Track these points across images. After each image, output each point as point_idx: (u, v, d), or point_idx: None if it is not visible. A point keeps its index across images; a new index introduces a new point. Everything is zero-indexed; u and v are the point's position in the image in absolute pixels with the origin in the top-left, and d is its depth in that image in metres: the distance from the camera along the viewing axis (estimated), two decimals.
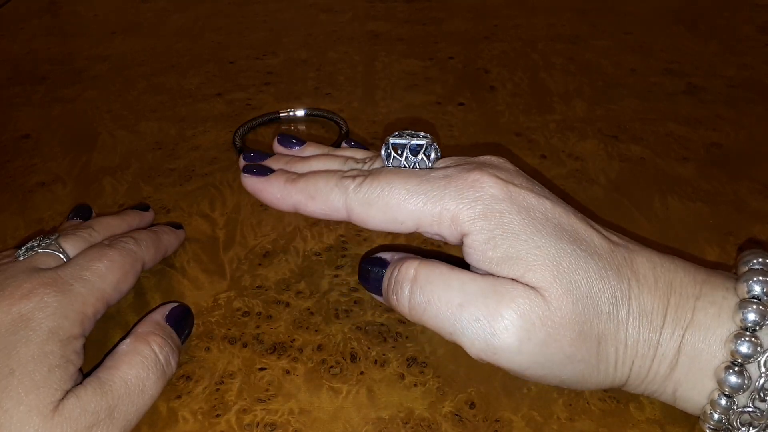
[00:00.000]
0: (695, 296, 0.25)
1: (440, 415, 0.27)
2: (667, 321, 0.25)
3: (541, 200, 0.27)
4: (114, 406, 0.25)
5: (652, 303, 0.25)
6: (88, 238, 0.32)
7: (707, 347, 0.24)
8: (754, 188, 0.40)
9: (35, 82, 0.56)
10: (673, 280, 0.25)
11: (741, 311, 0.24)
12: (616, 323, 0.25)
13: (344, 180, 0.29)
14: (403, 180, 0.28)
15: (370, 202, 0.28)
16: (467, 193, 0.26)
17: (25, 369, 0.24)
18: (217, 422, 0.27)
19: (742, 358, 0.23)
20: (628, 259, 0.26)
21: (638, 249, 0.26)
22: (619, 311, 0.25)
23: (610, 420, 0.27)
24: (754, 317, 0.23)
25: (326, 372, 0.29)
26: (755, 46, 0.58)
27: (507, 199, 0.26)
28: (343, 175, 0.29)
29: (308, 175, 0.30)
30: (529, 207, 0.26)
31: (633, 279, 0.25)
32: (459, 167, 0.28)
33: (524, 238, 0.25)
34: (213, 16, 0.70)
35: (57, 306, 0.26)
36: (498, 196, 0.26)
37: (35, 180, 0.43)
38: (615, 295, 0.25)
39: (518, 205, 0.26)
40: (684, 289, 0.25)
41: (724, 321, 0.24)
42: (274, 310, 0.32)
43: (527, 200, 0.26)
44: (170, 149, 0.46)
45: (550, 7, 0.68)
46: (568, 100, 0.50)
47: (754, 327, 0.23)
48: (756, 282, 0.24)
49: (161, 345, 0.28)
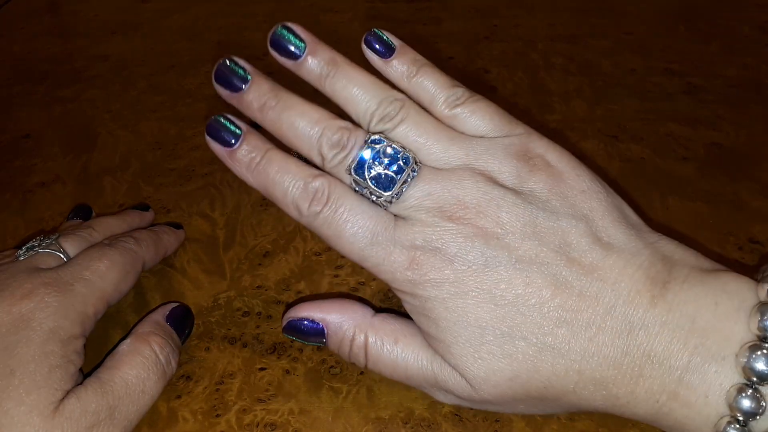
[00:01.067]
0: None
1: (440, 415, 0.27)
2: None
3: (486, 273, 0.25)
4: (114, 406, 0.25)
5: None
6: (89, 238, 0.32)
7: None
8: (754, 188, 0.40)
9: (35, 82, 0.56)
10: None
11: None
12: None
13: (304, 197, 0.27)
14: (365, 225, 0.26)
15: (327, 236, 0.27)
16: (406, 272, 0.26)
17: (25, 369, 0.24)
18: (217, 422, 0.27)
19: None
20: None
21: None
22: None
23: (610, 420, 0.27)
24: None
25: (326, 372, 0.29)
26: (755, 46, 0.58)
27: (435, 287, 0.25)
28: (306, 184, 0.27)
29: (269, 167, 0.27)
30: (467, 292, 0.25)
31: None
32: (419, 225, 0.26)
33: (444, 325, 0.25)
34: (213, 16, 0.70)
35: (57, 306, 0.26)
36: (436, 281, 0.25)
37: (35, 180, 0.43)
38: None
39: (448, 292, 0.25)
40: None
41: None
42: (274, 310, 0.32)
43: (465, 284, 0.25)
44: (170, 149, 0.46)
45: (550, 7, 0.68)
46: (568, 100, 0.50)
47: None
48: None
49: (162, 345, 0.28)
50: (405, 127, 0.27)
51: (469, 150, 0.27)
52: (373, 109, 0.27)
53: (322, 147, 0.27)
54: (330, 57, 0.28)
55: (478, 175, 0.26)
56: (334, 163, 0.27)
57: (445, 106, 0.28)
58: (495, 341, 0.25)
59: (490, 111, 0.28)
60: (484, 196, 0.26)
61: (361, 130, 0.27)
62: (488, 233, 0.25)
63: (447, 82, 0.28)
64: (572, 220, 0.26)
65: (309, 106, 0.28)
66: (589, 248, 0.25)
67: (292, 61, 0.28)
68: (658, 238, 0.27)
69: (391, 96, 0.28)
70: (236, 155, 0.28)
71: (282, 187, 0.27)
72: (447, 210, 0.26)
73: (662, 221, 0.38)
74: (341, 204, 0.26)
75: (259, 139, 0.28)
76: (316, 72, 0.28)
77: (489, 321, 0.25)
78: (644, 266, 0.25)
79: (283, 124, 0.28)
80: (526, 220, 0.25)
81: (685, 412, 0.24)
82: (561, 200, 0.26)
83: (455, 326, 0.25)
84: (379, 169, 0.26)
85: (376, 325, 0.28)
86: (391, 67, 0.29)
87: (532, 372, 0.25)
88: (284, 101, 0.28)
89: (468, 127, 0.28)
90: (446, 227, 0.25)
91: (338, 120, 0.28)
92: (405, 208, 0.26)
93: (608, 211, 0.26)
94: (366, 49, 0.29)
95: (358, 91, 0.28)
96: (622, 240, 0.26)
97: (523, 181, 0.26)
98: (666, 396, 0.24)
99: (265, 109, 0.28)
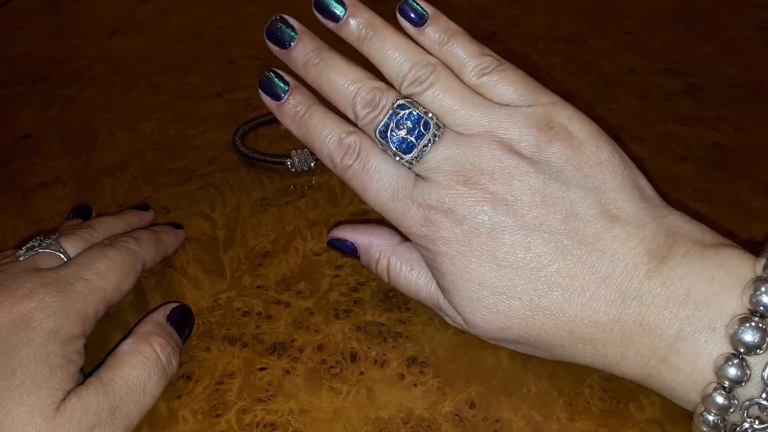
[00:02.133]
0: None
1: (440, 415, 0.27)
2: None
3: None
4: (116, 406, 0.25)
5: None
6: (89, 238, 0.32)
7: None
8: (754, 188, 0.40)
9: (35, 82, 0.56)
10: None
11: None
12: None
13: (338, 150, 0.29)
14: (388, 182, 0.29)
15: (355, 187, 0.30)
16: (421, 230, 0.28)
17: (26, 369, 0.24)
18: (217, 422, 0.27)
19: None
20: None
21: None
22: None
23: (610, 420, 0.27)
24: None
25: (326, 372, 0.29)
26: (755, 46, 0.58)
27: (452, 242, 0.27)
28: (341, 140, 0.29)
29: (310, 120, 0.30)
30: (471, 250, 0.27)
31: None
32: (445, 184, 0.28)
33: (449, 279, 0.28)
34: (213, 16, 0.70)
35: (58, 306, 0.26)
36: (446, 239, 0.27)
37: (35, 180, 0.43)
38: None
39: (457, 250, 0.27)
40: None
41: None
42: (274, 310, 0.32)
43: (472, 243, 0.27)
44: (170, 149, 0.46)
45: (550, 7, 0.68)
46: (568, 100, 0.50)
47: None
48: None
49: (163, 345, 0.28)
50: (434, 91, 0.28)
51: (492, 117, 0.28)
52: (405, 72, 0.29)
53: (356, 105, 0.29)
54: (369, 20, 0.30)
55: (496, 143, 0.27)
56: (366, 121, 0.29)
57: (474, 74, 0.29)
58: (491, 298, 0.27)
59: (516, 79, 0.29)
60: (499, 164, 0.27)
61: (393, 92, 0.29)
62: (498, 199, 0.27)
63: (477, 50, 0.29)
64: (582, 191, 0.27)
65: (348, 66, 0.29)
66: (595, 219, 0.26)
67: (333, 23, 0.30)
68: (668, 212, 0.27)
69: (423, 60, 0.29)
70: (283, 108, 0.30)
71: (320, 140, 0.30)
72: (463, 174, 0.27)
73: None
74: (369, 161, 0.29)
75: (304, 95, 0.30)
76: (355, 34, 0.30)
77: (489, 280, 0.27)
78: (646, 240, 0.26)
79: (323, 81, 0.30)
80: (536, 188, 0.27)
81: (673, 376, 0.25)
82: (575, 171, 0.27)
83: (458, 281, 0.27)
84: (402, 134, 0.28)
85: (398, 251, 0.31)
86: (424, 35, 0.30)
87: (523, 327, 0.27)
88: (326, 60, 0.30)
89: (494, 95, 0.29)
90: (459, 190, 0.27)
91: (373, 80, 0.29)
92: (425, 170, 0.28)
93: (622, 183, 0.27)
94: (400, 18, 0.30)
95: (393, 54, 0.29)
96: (629, 213, 0.26)
97: (540, 150, 0.27)
98: (655, 360, 0.25)
99: (309, 66, 0.30)
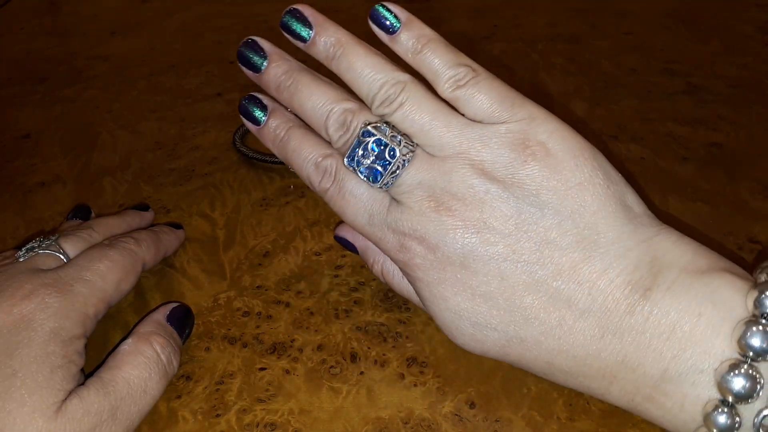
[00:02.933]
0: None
1: (440, 415, 0.27)
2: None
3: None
4: (117, 406, 0.25)
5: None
6: (88, 239, 0.32)
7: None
8: (754, 188, 0.40)
9: (35, 82, 0.56)
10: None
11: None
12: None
13: (316, 174, 0.29)
14: (363, 206, 0.28)
15: (335, 210, 0.29)
16: (399, 254, 0.28)
17: (27, 370, 0.24)
18: (217, 422, 0.27)
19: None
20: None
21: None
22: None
23: (610, 420, 0.27)
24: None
25: (326, 372, 0.29)
26: (755, 46, 0.58)
27: (424, 269, 0.27)
28: (317, 163, 0.29)
29: (289, 143, 0.30)
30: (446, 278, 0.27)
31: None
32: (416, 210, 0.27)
33: (428, 303, 0.28)
34: (213, 16, 0.70)
35: (58, 306, 0.26)
36: (421, 266, 0.27)
37: (35, 180, 0.43)
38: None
39: (435, 275, 0.27)
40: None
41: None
42: (274, 310, 0.32)
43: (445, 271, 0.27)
44: (170, 149, 0.46)
45: (550, 7, 0.68)
46: (568, 100, 0.50)
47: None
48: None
49: (163, 345, 0.28)
50: (404, 111, 0.27)
51: (463, 138, 0.26)
52: (375, 92, 0.28)
53: (329, 128, 0.29)
54: (336, 38, 0.29)
55: (467, 166, 0.26)
56: (339, 143, 0.29)
57: (448, 87, 0.27)
58: (468, 328, 0.27)
59: (491, 94, 0.27)
60: (470, 189, 0.26)
61: (365, 112, 0.28)
62: (469, 226, 0.26)
63: (451, 59, 0.28)
64: (558, 217, 0.25)
65: (320, 86, 0.29)
66: (570, 248, 0.24)
67: (302, 44, 0.30)
68: (656, 232, 0.25)
69: (393, 78, 0.28)
70: (264, 132, 0.31)
71: (298, 162, 0.30)
72: (434, 200, 0.26)
73: (662, 221, 0.37)
74: (344, 185, 0.28)
75: (283, 117, 0.31)
76: (323, 53, 0.29)
77: (464, 310, 0.26)
78: (627, 270, 0.24)
79: (296, 104, 0.29)
80: (508, 215, 0.25)
81: (661, 413, 0.24)
82: (551, 194, 0.25)
83: (436, 308, 0.27)
84: (367, 162, 0.27)
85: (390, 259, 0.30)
86: (397, 43, 0.28)
87: (502, 355, 0.27)
88: (297, 82, 0.29)
89: (468, 110, 0.27)
90: (431, 217, 0.26)
91: (346, 101, 0.29)
92: (399, 193, 0.27)
93: (604, 205, 0.25)
94: (372, 24, 0.29)
95: (361, 73, 0.28)
96: (610, 239, 0.24)
97: (514, 172, 0.25)
98: (641, 397, 0.24)
99: (281, 89, 0.30)
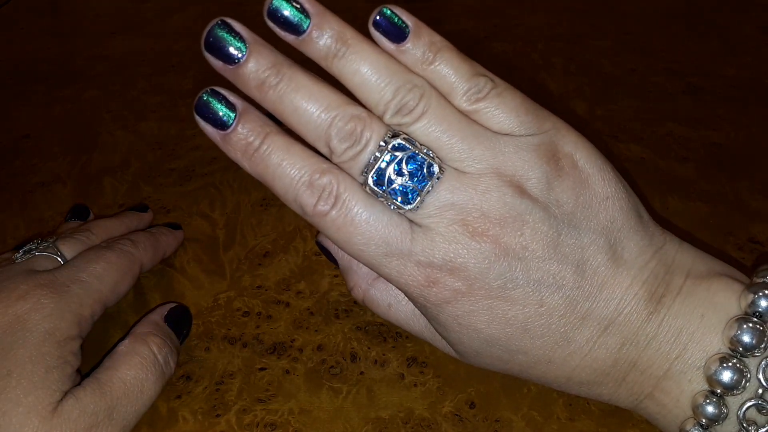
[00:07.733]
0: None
1: (440, 415, 0.27)
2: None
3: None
4: (113, 406, 0.25)
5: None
6: (86, 241, 0.32)
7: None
8: (754, 188, 0.40)
9: (35, 82, 0.56)
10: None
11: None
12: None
13: (310, 195, 0.24)
14: (378, 233, 0.24)
15: (334, 238, 0.25)
16: (421, 291, 0.25)
17: (22, 370, 0.24)
18: (217, 422, 0.27)
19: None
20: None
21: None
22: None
23: (610, 420, 0.27)
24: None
25: (326, 372, 0.29)
26: (755, 46, 0.58)
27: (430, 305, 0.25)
28: (312, 181, 0.24)
29: (268, 155, 0.24)
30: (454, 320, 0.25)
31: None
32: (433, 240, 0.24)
33: (453, 333, 0.26)
34: (213, 16, 0.70)
35: (53, 307, 0.26)
36: (452, 299, 0.25)
37: (35, 180, 0.43)
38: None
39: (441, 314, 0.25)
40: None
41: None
42: (274, 310, 0.32)
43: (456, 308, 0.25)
44: (170, 149, 0.46)
45: (550, 7, 0.68)
46: (568, 100, 0.50)
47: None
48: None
49: (160, 345, 0.28)
50: (426, 122, 0.24)
51: (496, 151, 0.24)
52: (388, 98, 0.24)
53: (331, 139, 0.24)
54: (339, 32, 0.24)
55: (505, 185, 0.24)
56: (345, 158, 0.24)
57: (466, 100, 0.25)
58: (498, 354, 0.25)
59: (515, 104, 0.25)
60: (510, 211, 0.24)
61: (378, 122, 0.24)
62: (510, 253, 0.24)
63: (468, 70, 0.25)
64: (593, 235, 0.24)
65: (318, 87, 0.24)
66: (602, 266, 0.24)
67: (294, 36, 0.24)
68: (663, 241, 0.26)
69: (409, 82, 0.24)
70: (231, 140, 0.24)
71: (283, 181, 0.24)
72: (469, 224, 0.24)
73: (662, 221, 0.37)
74: (352, 207, 0.24)
75: (257, 120, 0.24)
76: (322, 50, 0.24)
77: (497, 339, 0.25)
78: (648, 282, 0.25)
79: (286, 108, 0.24)
80: (549, 237, 0.24)
81: (657, 410, 0.25)
82: (585, 211, 0.25)
83: (464, 337, 0.25)
84: (401, 181, 0.24)
85: (377, 286, 0.29)
86: (405, 53, 0.25)
87: (522, 373, 0.26)
88: (288, 79, 0.24)
89: (492, 123, 0.25)
90: (468, 245, 0.24)
91: (351, 106, 0.24)
92: (425, 216, 0.24)
93: (627, 219, 0.25)
94: (375, 32, 0.25)
95: (370, 76, 0.24)
96: (633, 252, 0.25)
97: (550, 189, 0.24)
98: (644, 396, 0.25)
99: (265, 88, 0.24)
